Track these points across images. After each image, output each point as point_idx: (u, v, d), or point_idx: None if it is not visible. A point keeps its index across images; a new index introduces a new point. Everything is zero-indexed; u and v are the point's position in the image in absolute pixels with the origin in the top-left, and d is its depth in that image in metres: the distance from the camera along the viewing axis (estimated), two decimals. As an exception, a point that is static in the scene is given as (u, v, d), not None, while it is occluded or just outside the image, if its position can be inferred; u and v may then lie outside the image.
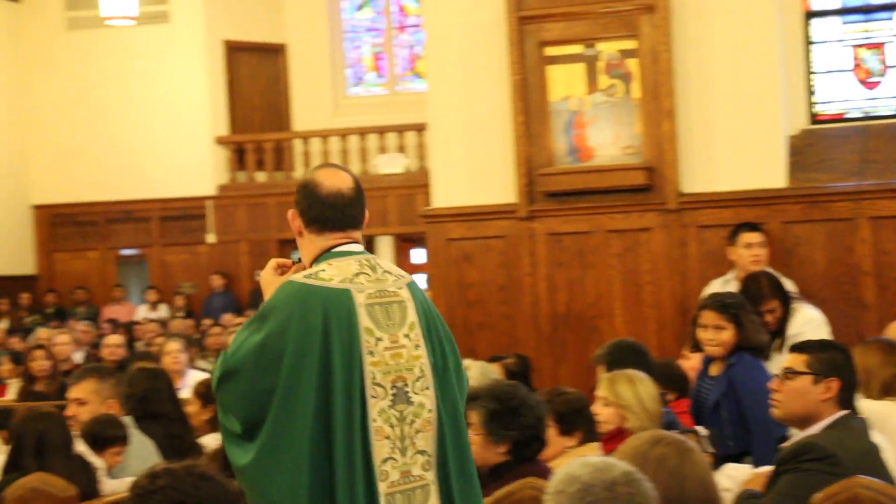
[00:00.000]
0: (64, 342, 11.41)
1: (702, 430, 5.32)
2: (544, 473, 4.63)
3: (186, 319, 16.68)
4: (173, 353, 9.13)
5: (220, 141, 20.22)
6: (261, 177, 20.25)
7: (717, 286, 7.78)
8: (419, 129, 17.93)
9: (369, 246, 21.51)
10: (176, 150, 19.95)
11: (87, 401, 5.90)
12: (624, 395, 5.23)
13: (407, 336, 3.54)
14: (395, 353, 3.51)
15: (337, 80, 21.22)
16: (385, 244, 22.31)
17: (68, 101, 20.45)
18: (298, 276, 3.56)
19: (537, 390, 5.83)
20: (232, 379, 3.47)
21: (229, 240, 20.06)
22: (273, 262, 3.79)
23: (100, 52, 20.24)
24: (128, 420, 5.87)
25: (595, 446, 5.13)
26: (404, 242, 22.43)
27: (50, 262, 20.77)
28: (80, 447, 5.50)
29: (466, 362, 6.72)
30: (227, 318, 15.57)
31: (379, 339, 3.49)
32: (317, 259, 3.64)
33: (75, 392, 5.95)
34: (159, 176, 20.05)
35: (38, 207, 20.71)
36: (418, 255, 21.74)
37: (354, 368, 3.44)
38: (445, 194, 9.23)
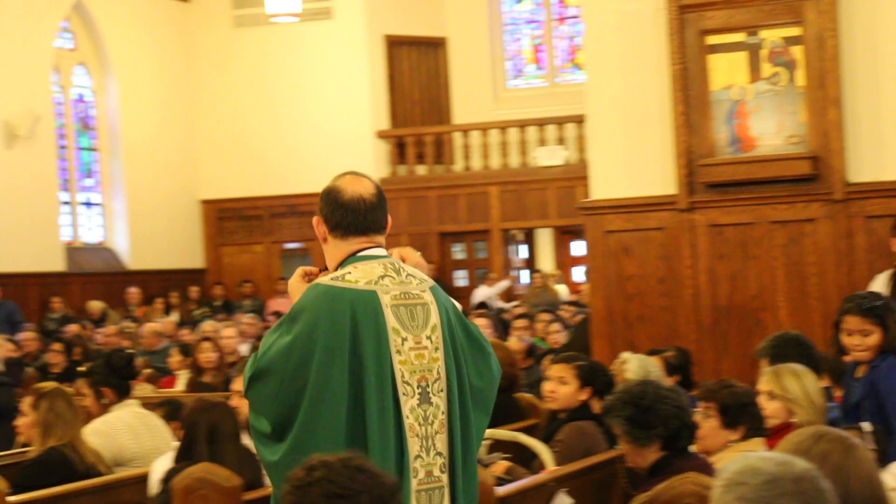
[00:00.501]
0: (230, 335, 11.67)
1: (866, 426, 5.16)
2: (704, 468, 4.56)
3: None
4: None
5: (381, 135, 20.42)
6: (421, 170, 20.39)
7: (881, 281, 7.53)
8: (579, 120, 17.82)
9: (529, 238, 21.51)
10: (338, 144, 20.22)
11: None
12: (791, 389, 5.12)
13: (429, 338, 3.60)
14: (418, 353, 3.56)
15: (497, 73, 21.23)
16: (545, 236, 22.25)
17: (234, 97, 20.90)
18: (325, 279, 3.63)
19: (698, 384, 5.74)
20: (262, 380, 3.53)
21: (390, 233, 19.73)
22: (300, 269, 3.85)
23: (265, 49, 20.64)
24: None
25: (759, 441, 5.02)
26: (564, 234, 22.34)
27: (217, 256, 21.27)
28: (245, 440, 5.59)
29: (625, 355, 6.67)
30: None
31: (405, 340, 3.55)
32: (342, 263, 3.69)
33: (237, 384, 6.07)
34: (322, 170, 20.19)
35: (206, 202, 21.22)
36: (578, 248, 21.62)
37: (385, 366, 3.49)
38: (604, 186, 9.15)
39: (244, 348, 12.36)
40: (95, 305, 18.54)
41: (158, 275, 20.14)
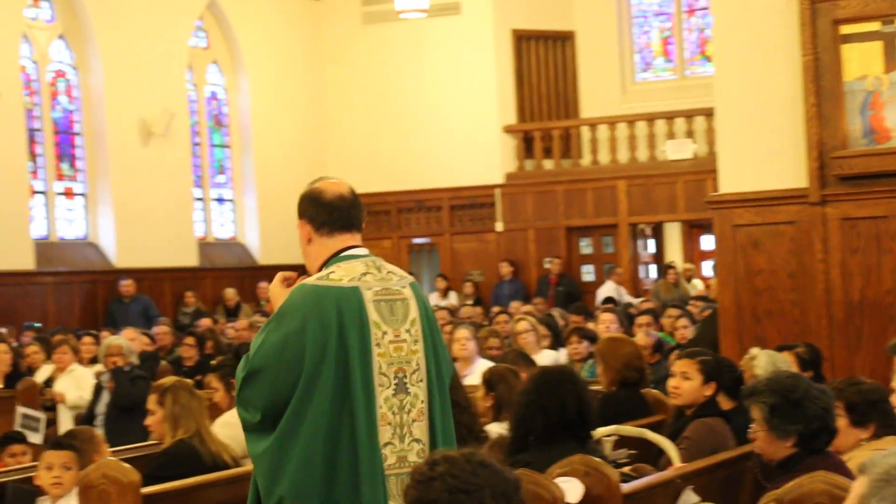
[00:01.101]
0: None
1: None
2: (838, 467, 4.46)
3: (475, 307, 16.93)
4: (462, 339, 9.26)
5: (508, 129, 20.40)
6: (548, 164, 20.33)
7: None
8: (708, 113, 17.58)
9: (657, 232, 21.26)
10: (465, 139, 20.26)
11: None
12: (925, 386, 4.99)
13: (408, 331, 3.84)
14: (397, 346, 3.81)
15: (625, 66, 21.06)
16: (673, 230, 22.01)
17: (362, 93, 21.08)
18: (311, 280, 3.86)
19: (828, 380, 5.62)
20: (256, 377, 3.77)
21: (517, 227, 20.23)
22: (280, 275, 4.02)
23: (393, 45, 20.77)
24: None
25: (893, 439, 4.90)
26: (693, 229, 22.07)
27: (348, 251, 21.44)
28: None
29: (754, 351, 6.56)
30: (515, 305, 15.70)
31: (385, 333, 3.79)
32: (325, 264, 3.92)
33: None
34: (449, 165, 20.42)
35: (335, 198, 21.41)
36: (707, 242, 21.34)
37: (367, 359, 3.74)
38: (733, 179, 9.01)
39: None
40: (230, 293, 18.91)
41: (290, 269, 20.36)
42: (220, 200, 20.37)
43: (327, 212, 3.97)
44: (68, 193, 17.82)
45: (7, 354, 11.10)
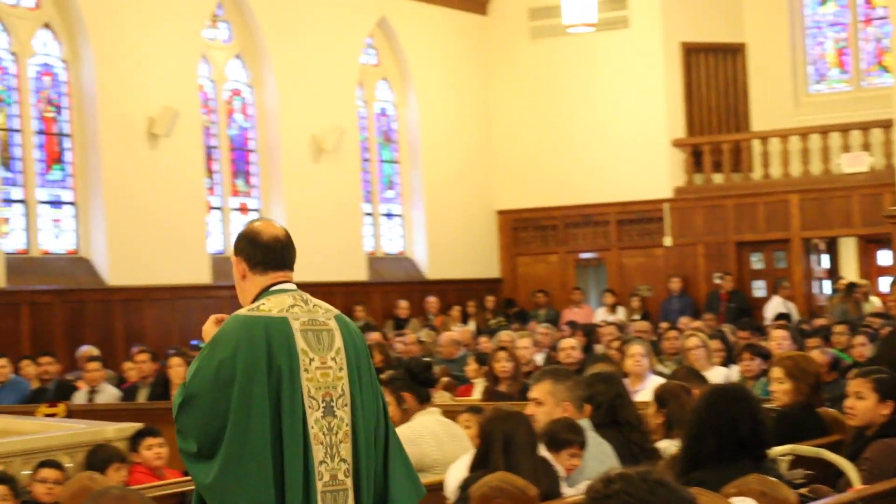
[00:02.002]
0: (525, 345, 11.76)
1: None
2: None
3: (643, 322, 16.76)
4: (636, 355, 9.16)
5: (677, 143, 20.18)
6: (718, 178, 20.03)
7: None
8: (886, 125, 17.12)
9: (831, 247, 20.75)
10: (633, 153, 20.12)
11: (543, 401, 6.03)
12: None
13: (333, 359, 4.11)
14: (323, 372, 4.08)
15: (798, 78, 20.65)
16: (848, 246, 21.47)
17: (530, 108, 21.10)
18: (242, 311, 4.12)
19: None
20: (192, 403, 4.01)
21: (686, 242, 19.98)
22: (213, 317, 4.25)
23: (561, 60, 20.76)
24: (585, 423, 5.94)
25: None
26: (869, 244, 21.47)
27: (513, 266, 21.51)
28: (541, 450, 5.61)
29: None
30: (685, 321, 15.49)
31: (312, 360, 4.06)
32: (256, 297, 4.18)
33: (534, 392, 6.11)
34: (617, 179, 20.29)
35: (502, 213, 21.50)
36: (884, 257, 20.74)
37: (296, 383, 4.00)
38: (914, 193, 8.73)
39: (539, 358, 12.43)
40: (403, 305, 19.13)
41: (455, 284, 20.53)
42: (389, 215, 20.60)
43: (262, 252, 4.22)
44: (243, 209, 18.24)
45: (182, 368, 11.39)
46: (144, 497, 2.77)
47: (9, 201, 15.29)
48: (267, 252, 4.22)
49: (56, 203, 15.85)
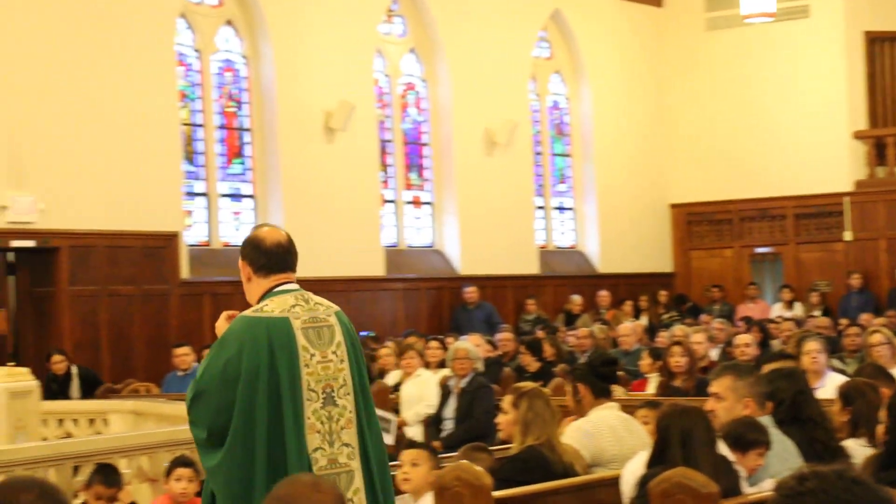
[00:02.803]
0: (699, 340, 11.59)
1: None
2: None
3: (824, 318, 16.36)
4: (812, 352, 8.94)
5: (858, 135, 19.65)
6: (902, 172, 19.46)
7: None
8: None
9: None
10: (811, 146, 19.67)
11: (724, 397, 5.93)
12: None
13: (334, 353, 4.45)
14: (324, 365, 4.42)
15: None
16: None
17: (705, 100, 20.81)
18: (247, 312, 4.48)
19: None
20: (202, 398, 4.39)
21: (867, 237, 19.45)
22: (225, 313, 4.60)
23: (737, 51, 20.41)
24: (766, 421, 5.82)
25: None
26: None
27: (686, 260, 21.23)
28: (722, 448, 5.51)
29: None
30: (866, 317, 15.06)
31: (312, 355, 4.41)
32: (261, 298, 4.52)
33: (714, 387, 6.01)
34: (794, 173, 19.87)
35: (676, 206, 21.24)
36: None
37: (295, 378, 4.35)
38: None
39: (714, 353, 12.24)
40: (576, 300, 19.08)
41: (627, 278, 20.37)
42: (561, 209, 20.54)
43: (265, 257, 4.56)
44: (416, 202, 18.41)
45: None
46: (335, 484, 2.81)
47: (191, 194, 15.72)
48: (270, 257, 4.55)
49: (236, 196, 16.24)
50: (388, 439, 9.64)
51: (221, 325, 4.55)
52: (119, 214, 14.16)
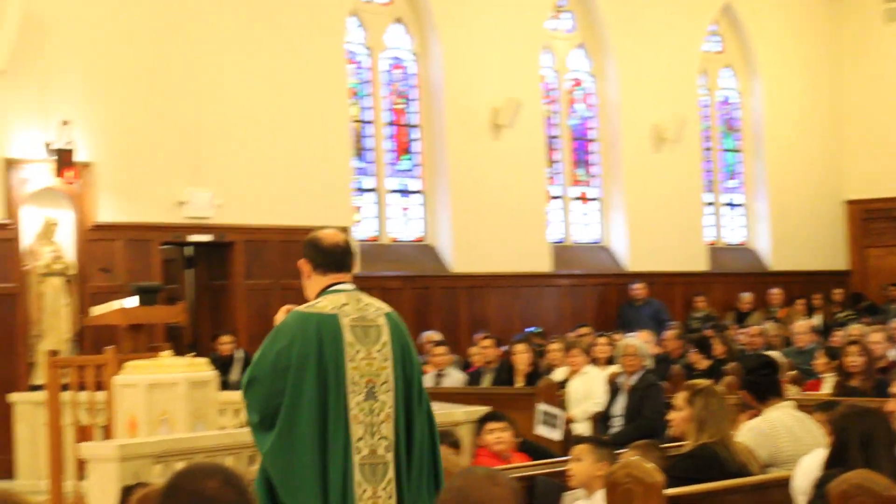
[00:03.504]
0: (878, 339, 11.28)
1: None
2: None
3: None
4: None
5: None
6: None
7: None
8: None
9: None
10: None
11: (905, 397, 5.78)
12: None
13: (379, 351, 4.72)
14: (368, 362, 4.69)
15: None
16: None
17: (883, 94, 20.28)
18: (301, 307, 4.78)
19: None
20: (255, 384, 4.68)
21: None
22: (284, 308, 4.86)
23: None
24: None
25: None
26: None
27: (862, 258, 20.69)
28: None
29: None
30: None
31: (357, 351, 4.68)
32: (319, 295, 4.82)
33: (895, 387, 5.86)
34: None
35: (851, 203, 20.73)
36: None
37: (340, 371, 4.64)
38: None
39: (893, 353, 11.90)
40: (746, 297, 18.77)
41: (800, 276, 19.94)
42: (731, 205, 20.23)
43: (323, 256, 4.86)
44: (583, 198, 18.33)
45: (526, 354, 11.55)
46: (509, 477, 2.82)
47: (361, 190, 15.93)
48: (327, 256, 4.85)
49: (405, 192, 16.41)
50: (556, 434, 9.64)
51: (279, 318, 4.83)
52: (291, 210, 14.44)
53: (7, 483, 11.11)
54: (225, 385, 11.36)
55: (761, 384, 6.38)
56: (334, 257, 4.87)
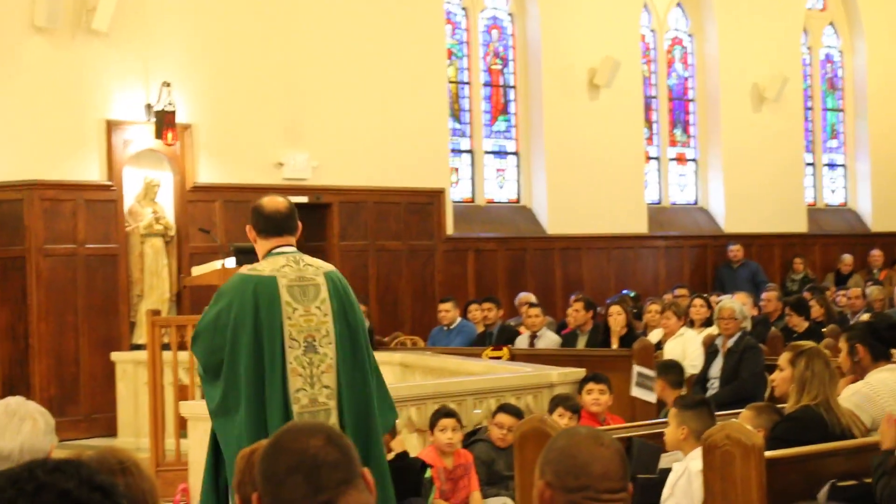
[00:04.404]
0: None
1: None
2: None
3: None
4: None
5: None
6: None
7: None
8: None
9: None
10: None
11: None
12: None
13: (318, 307, 5.14)
14: (307, 318, 5.10)
15: None
16: None
17: None
18: (243, 269, 5.23)
19: None
20: (198, 339, 5.17)
21: None
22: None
23: None
24: None
25: None
26: None
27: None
28: None
29: None
30: None
31: (295, 309, 5.09)
32: (265, 257, 5.24)
33: None
34: None
35: (957, 163, 20.29)
36: None
37: (276, 329, 5.05)
38: None
39: None
40: (847, 259, 18.49)
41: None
42: (832, 166, 19.90)
43: (265, 222, 5.25)
44: (680, 159, 18.15)
45: (621, 316, 11.49)
46: (614, 438, 2.81)
47: (457, 151, 15.93)
48: (268, 221, 5.23)
49: (500, 153, 16.37)
50: (651, 397, 9.59)
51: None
52: (387, 171, 14.50)
53: (109, 441, 11.36)
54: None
55: (883, 343, 6.26)
56: (275, 222, 5.23)
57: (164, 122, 12.51)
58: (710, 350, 10.16)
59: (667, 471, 5.78)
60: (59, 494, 1.84)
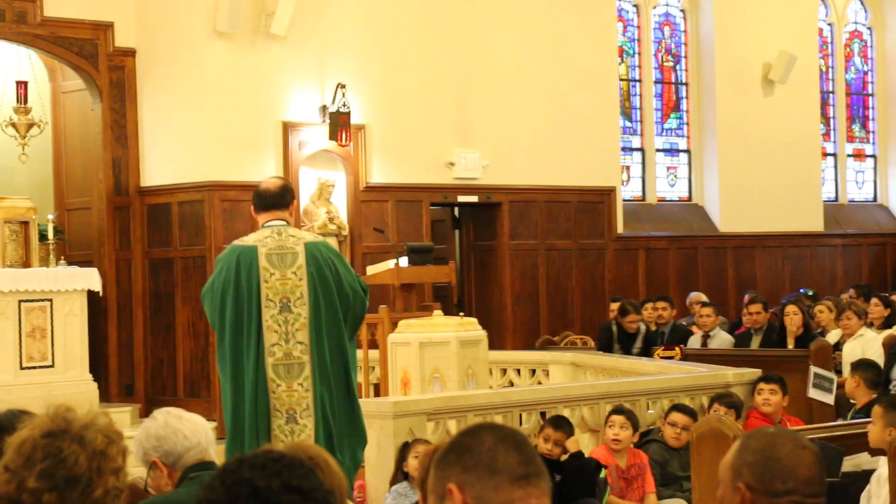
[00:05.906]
0: None
1: None
2: None
3: None
4: None
5: None
6: None
7: None
8: None
9: None
10: None
11: None
12: None
13: (294, 273, 5.91)
14: (283, 282, 5.90)
15: None
16: None
17: None
18: (236, 241, 6.10)
19: None
20: (204, 300, 6.04)
21: None
22: None
23: None
24: None
25: None
26: None
27: None
28: None
29: None
30: None
31: (272, 274, 5.89)
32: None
33: None
34: None
35: None
36: None
37: (253, 290, 5.88)
38: None
39: None
40: None
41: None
42: None
43: (259, 199, 6.05)
44: (858, 156, 17.70)
45: (798, 315, 11.27)
46: (810, 440, 2.75)
47: (628, 150, 15.83)
48: (261, 199, 6.04)
49: (671, 151, 16.21)
50: (829, 399, 9.37)
51: None
52: (557, 170, 14.47)
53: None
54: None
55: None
56: (266, 199, 6.03)
57: (339, 123, 12.70)
58: (892, 351, 9.89)
59: (850, 474, 5.65)
60: (253, 492, 1.87)
